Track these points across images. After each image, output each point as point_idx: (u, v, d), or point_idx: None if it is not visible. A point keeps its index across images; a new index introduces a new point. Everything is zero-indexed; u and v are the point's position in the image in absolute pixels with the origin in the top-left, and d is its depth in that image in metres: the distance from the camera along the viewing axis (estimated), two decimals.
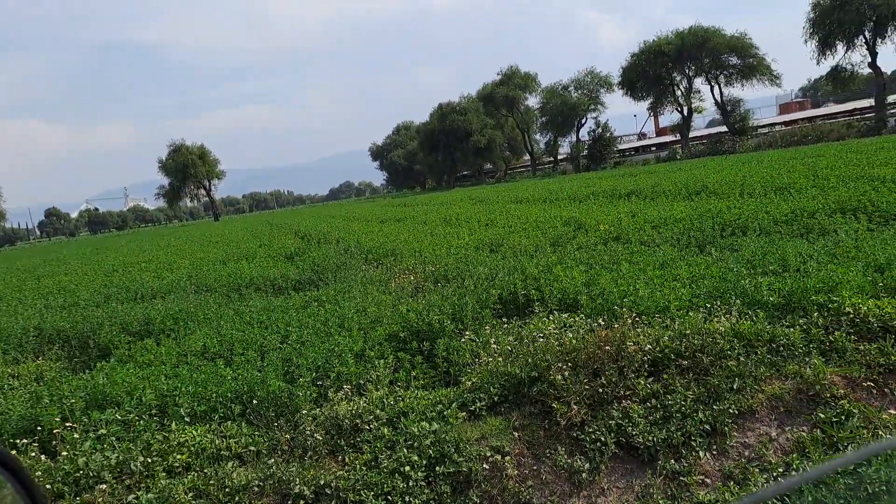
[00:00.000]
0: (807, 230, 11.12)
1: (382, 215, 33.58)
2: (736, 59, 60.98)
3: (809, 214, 11.96)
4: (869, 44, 49.23)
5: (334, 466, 5.34)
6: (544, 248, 12.63)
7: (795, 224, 11.58)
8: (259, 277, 13.63)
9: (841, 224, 10.85)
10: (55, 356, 9.69)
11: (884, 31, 47.99)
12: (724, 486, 5.03)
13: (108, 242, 55.78)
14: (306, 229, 29.07)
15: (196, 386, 6.45)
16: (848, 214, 11.58)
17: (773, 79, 60.46)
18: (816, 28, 51.24)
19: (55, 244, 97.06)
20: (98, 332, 9.90)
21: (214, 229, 50.22)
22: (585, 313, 7.39)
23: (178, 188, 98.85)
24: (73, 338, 10.17)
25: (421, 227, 21.55)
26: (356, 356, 6.96)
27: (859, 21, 47.82)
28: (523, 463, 5.42)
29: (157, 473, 5.19)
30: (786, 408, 5.58)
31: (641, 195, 22.00)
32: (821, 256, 8.46)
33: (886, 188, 13.36)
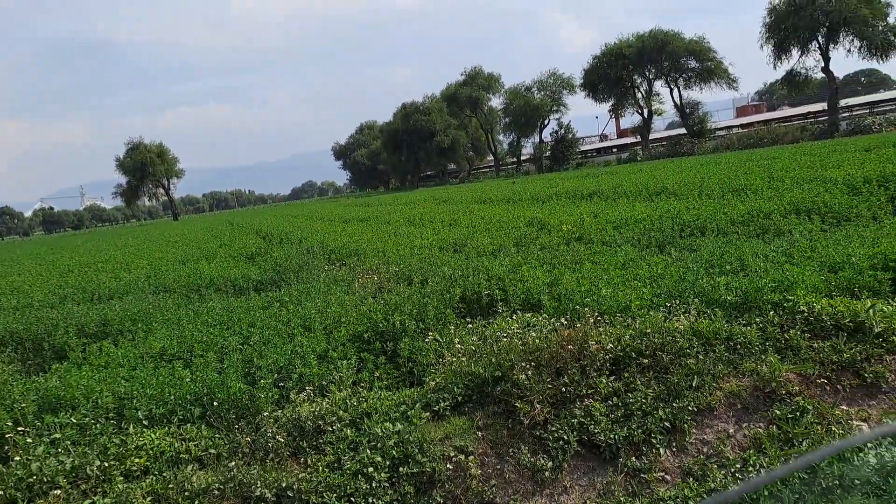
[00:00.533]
0: (763, 230, 11.38)
1: (345, 215, 33.38)
2: (695, 63, 62.15)
3: (765, 215, 12.24)
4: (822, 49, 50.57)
5: (296, 468, 5.29)
6: (508, 248, 12.69)
7: (752, 224, 11.84)
8: (219, 278, 13.44)
9: (796, 225, 11.12)
10: (7, 359, 9.41)
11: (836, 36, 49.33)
12: (684, 482, 5.11)
13: (63, 242, 54.38)
14: (268, 229, 28.74)
15: (154, 388, 6.32)
16: (802, 215, 11.88)
17: (731, 82, 61.81)
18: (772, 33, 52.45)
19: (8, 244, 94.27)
20: (53, 333, 9.64)
21: (173, 229, 49.35)
22: (548, 313, 7.45)
23: (136, 187, 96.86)
24: (27, 340, 9.88)
25: (384, 228, 21.48)
26: (319, 357, 6.91)
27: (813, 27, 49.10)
28: (487, 462, 5.44)
29: (114, 478, 5.08)
30: (743, 405, 5.70)
31: (603, 196, 22.25)
32: (776, 256, 8.66)
33: (839, 190, 13.73)
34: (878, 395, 5.73)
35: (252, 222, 39.61)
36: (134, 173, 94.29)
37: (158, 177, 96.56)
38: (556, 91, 77.43)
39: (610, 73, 65.38)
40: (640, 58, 63.05)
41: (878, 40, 47.38)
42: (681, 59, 61.98)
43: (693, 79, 62.80)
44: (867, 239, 9.01)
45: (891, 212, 11.69)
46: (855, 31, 47.61)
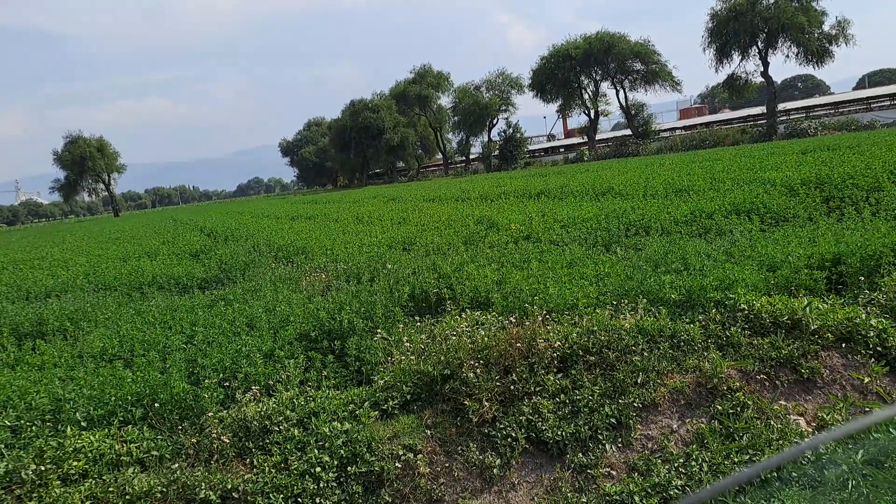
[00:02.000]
0: (705, 230, 11.68)
1: (293, 213, 32.96)
2: (640, 65, 63.34)
3: (707, 215, 12.56)
4: (762, 54, 52.15)
5: (242, 469, 5.20)
6: (457, 246, 12.72)
7: (695, 224, 12.14)
8: (162, 276, 13.11)
9: (736, 225, 11.45)
10: None
11: (775, 42, 50.93)
12: (629, 477, 5.20)
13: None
14: (213, 226, 28.18)
15: (94, 389, 6.12)
16: (742, 216, 12.24)
17: (675, 85, 63.21)
18: (714, 37, 53.82)
19: None
20: None
21: (114, 225, 47.92)
22: (497, 311, 7.49)
23: (74, 182, 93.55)
24: None
25: (332, 225, 21.29)
26: (265, 356, 6.80)
27: (753, 32, 50.60)
28: (435, 461, 5.43)
29: (51, 482, 4.90)
30: (686, 400, 5.84)
31: (551, 195, 22.49)
32: (718, 256, 8.90)
33: (777, 191, 14.19)
34: (815, 391, 5.94)
35: (196, 219, 38.76)
36: (73, 168, 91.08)
37: (98, 171, 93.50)
38: (505, 91, 77.93)
39: (558, 74, 66.08)
40: (587, 59, 63.94)
41: (814, 47, 49.13)
42: (626, 62, 63.08)
43: (638, 81, 64.02)
44: (804, 239, 9.34)
45: (825, 212, 12.13)
46: (792, 37, 49.24)
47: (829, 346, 6.30)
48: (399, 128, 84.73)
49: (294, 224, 23.93)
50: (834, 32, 49.20)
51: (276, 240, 17.68)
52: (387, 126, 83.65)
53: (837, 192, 13.37)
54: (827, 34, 49.40)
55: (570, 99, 68.68)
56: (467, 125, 78.61)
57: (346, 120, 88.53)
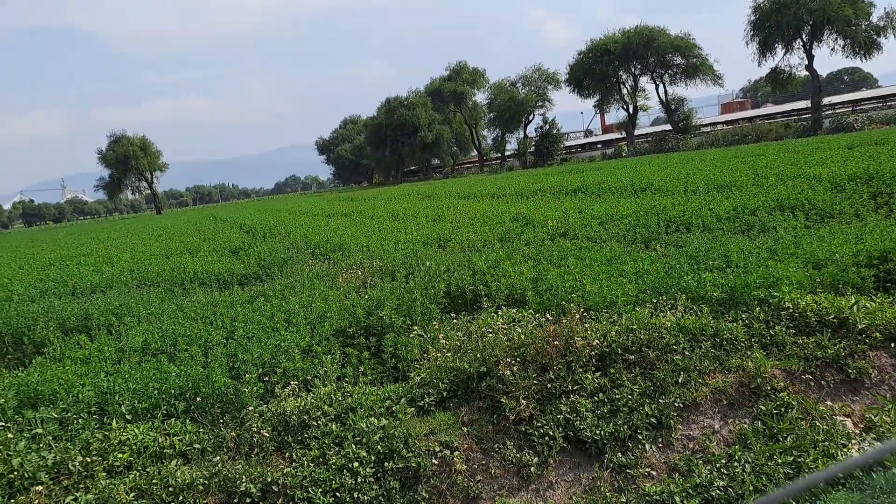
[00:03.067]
0: (748, 227, 11.45)
1: (329, 210, 33.23)
2: (680, 59, 62.31)
3: (750, 212, 12.32)
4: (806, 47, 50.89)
5: (281, 463, 5.25)
6: (492, 243, 12.68)
7: (737, 221, 11.91)
8: (203, 272, 13.33)
9: (780, 221, 11.20)
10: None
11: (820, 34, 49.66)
12: (670, 477, 5.13)
13: (43, 235, 53.74)
14: (252, 223, 28.56)
15: (138, 383, 6.25)
16: (787, 212, 11.97)
17: (716, 79, 62.04)
18: (756, 30, 52.70)
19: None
20: (33, 327, 9.52)
21: (157, 223, 48.92)
22: (533, 309, 7.44)
23: (118, 180, 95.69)
24: (7, 334, 9.75)
25: (368, 222, 21.41)
26: (303, 352, 6.87)
27: (797, 24, 49.40)
28: (472, 458, 5.42)
29: (96, 473, 5.02)
30: (729, 400, 5.73)
31: (588, 192, 22.30)
32: (761, 253, 8.71)
33: (822, 187, 13.85)
34: (862, 391, 5.78)
35: (236, 216, 39.35)
36: (116, 166, 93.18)
37: (141, 170, 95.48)
38: (541, 86, 77.39)
39: (595, 69, 65.40)
40: (626, 54, 63.14)
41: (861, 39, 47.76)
42: (666, 56, 62.12)
43: (678, 75, 62.98)
44: (851, 236, 9.10)
45: (873, 209, 11.80)
46: (838, 29, 47.95)
47: (877, 346, 6.11)
48: (434, 125, 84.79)
49: (330, 221, 24.13)
50: (882, 24, 47.72)
51: (313, 237, 17.85)
52: (422, 123, 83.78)
53: (885, 187, 13.00)
54: (875, 26, 47.96)
55: (608, 94, 67.92)
56: (503, 122, 78.31)
57: (382, 117, 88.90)
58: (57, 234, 49.21)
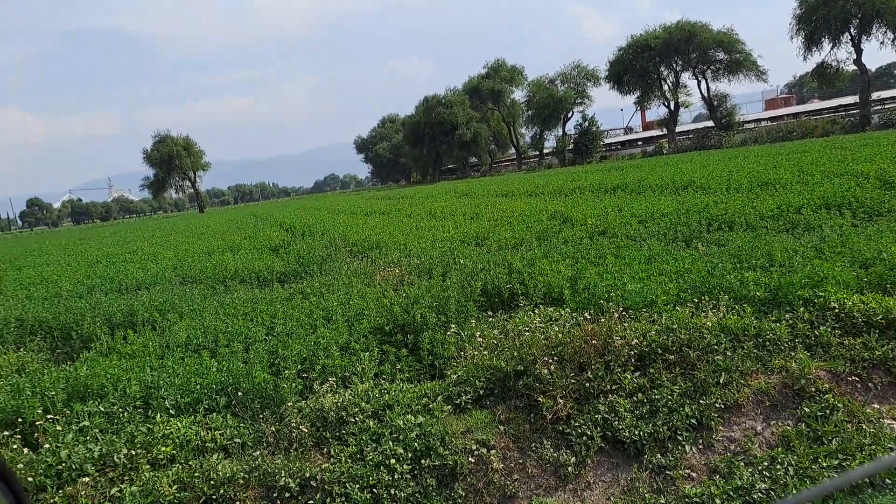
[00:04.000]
0: (792, 225, 11.19)
1: (367, 208, 33.45)
2: (723, 55, 61.18)
3: (795, 210, 12.04)
4: (854, 40, 49.53)
5: (320, 459, 5.31)
6: (530, 242, 12.62)
7: (781, 219, 11.65)
8: (244, 269, 13.54)
9: (826, 220, 10.92)
10: (37, 347, 9.57)
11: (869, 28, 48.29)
12: (710, 479, 5.05)
13: (91, 233, 55.21)
14: (291, 222, 28.91)
15: (181, 377, 6.38)
16: (833, 210, 11.67)
17: (760, 74, 60.76)
18: (802, 24, 51.48)
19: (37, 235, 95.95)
20: (81, 323, 9.79)
21: (199, 221, 49.85)
22: (571, 307, 7.39)
23: (163, 179, 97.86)
24: (56, 329, 10.04)
25: (406, 221, 21.49)
26: (341, 349, 6.93)
27: (845, 18, 48.10)
28: (509, 456, 5.41)
29: (140, 466, 5.14)
30: (771, 402, 5.61)
31: (628, 189, 22.04)
32: (806, 252, 8.51)
33: (870, 184, 13.48)
34: None
35: (276, 215, 39.88)
36: (161, 166, 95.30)
37: (185, 169, 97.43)
38: (581, 83, 76.76)
39: (636, 65, 64.64)
40: (667, 49, 62.27)
41: None
42: (709, 51, 61.08)
43: (721, 71, 61.87)
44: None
45: None
46: (888, 22, 46.56)
47: None
48: (472, 123, 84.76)
49: (368, 220, 24.29)
50: None
51: (351, 235, 17.99)
52: (460, 121, 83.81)
53: None
54: None
55: (649, 90, 67.09)
56: (541, 119, 77.90)
57: (420, 116, 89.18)
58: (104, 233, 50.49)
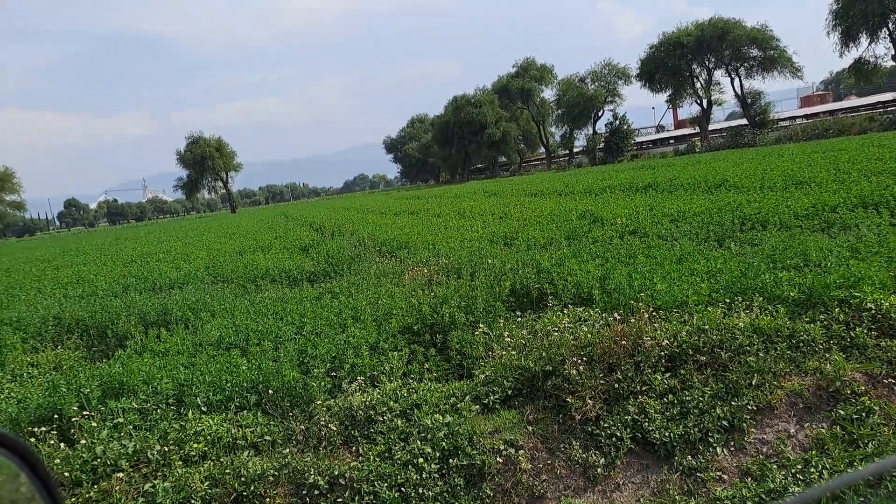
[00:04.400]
0: (828, 225, 10.97)
1: (396, 208, 33.57)
2: (757, 51, 60.17)
3: (831, 209, 11.81)
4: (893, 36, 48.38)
5: (348, 457, 5.35)
6: (559, 241, 12.55)
7: (816, 218, 11.42)
8: (274, 269, 13.68)
9: (863, 219, 10.68)
10: (74, 345, 9.79)
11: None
12: (742, 482, 4.97)
13: (126, 233, 56.25)
14: (321, 221, 29.12)
15: (212, 375, 6.47)
16: (870, 209, 11.41)
17: (795, 71, 59.61)
18: (839, 20, 50.43)
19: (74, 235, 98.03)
20: (116, 321, 9.98)
21: (231, 221, 50.49)
22: (600, 308, 7.33)
23: (196, 180, 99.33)
24: (92, 327, 10.25)
25: (434, 220, 21.52)
26: (370, 348, 6.97)
27: (883, 13, 47.02)
28: (537, 457, 5.39)
29: (173, 462, 5.22)
30: (805, 404, 5.51)
31: (659, 188, 21.81)
32: (842, 252, 8.33)
33: None
34: None
35: (306, 215, 40.21)
36: (194, 167, 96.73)
37: (217, 170, 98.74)
38: (611, 81, 76.09)
39: (668, 63, 63.91)
40: (700, 46, 61.44)
41: None
42: (742, 48, 60.11)
43: (755, 68, 60.84)
44: None
45: None
46: None
47: None
48: (501, 122, 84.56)
49: (397, 219, 24.37)
50: None
51: (380, 235, 18.07)
52: (489, 121, 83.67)
53: None
54: None
55: (681, 88, 66.29)
56: (571, 118, 77.41)
57: (449, 116, 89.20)
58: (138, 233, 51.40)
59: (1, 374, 8.39)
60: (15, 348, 9.37)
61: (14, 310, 12.17)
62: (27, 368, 8.63)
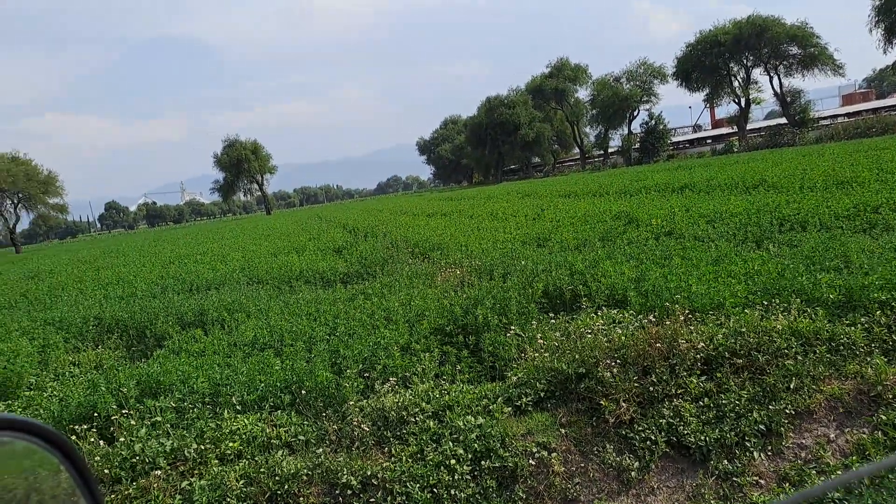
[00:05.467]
0: (870, 225, 10.70)
1: (429, 209, 33.64)
2: (796, 49, 58.97)
3: (873, 209, 11.52)
4: None
5: (381, 458, 5.37)
6: (593, 242, 12.45)
7: (858, 219, 11.16)
8: (308, 270, 13.82)
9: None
10: (114, 345, 10.00)
11: None
12: (780, 487, 4.88)
13: (164, 235, 57.32)
14: (354, 223, 29.33)
15: (247, 375, 6.56)
16: None
17: (836, 69, 58.26)
18: (882, 16, 49.15)
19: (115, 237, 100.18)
20: (155, 322, 10.17)
21: (266, 223, 51.12)
22: (635, 310, 7.25)
23: (232, 183, 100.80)
24: (131, 327, 10.46)
25: (467, 222, 21.52)
26: (402, 349, 6.99)
27: None
28: (570, 460, 5.35)
29: (209, 460, 5.30)
30: (845, 409, 5.38)
31: (696, 189, 21.53)
32: (884, 253, 8.13)
33: None
34: None
35: (339, 216, 40.54)
36: (230, 169, 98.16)
37: (253, 173, 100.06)
38: (647, 81, 75.25)
39: (705, 62, 63.03)
40: (737, 45, 60.44)
41: None
42: (781, 46, 58.96)
43: (795, 66, 59.63)
44: None
45: None
46: None
47: None
48: (534, 123, 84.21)
49: (430, 221, 24.42)
50: None
51: (413, 236, 18.13)
52: (522, 122, 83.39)
53: None
54: None
55: (719, 87, 65.32)
56: (606, 118, 76.77)
57: (482, 117, 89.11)
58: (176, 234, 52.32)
59: (44, 373, 8.61)
60: (57, 348, 9.61)
61: (57, 310, 12.49)
62: (69, 368, 8.84)
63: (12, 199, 75.69)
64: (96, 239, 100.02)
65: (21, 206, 77.14)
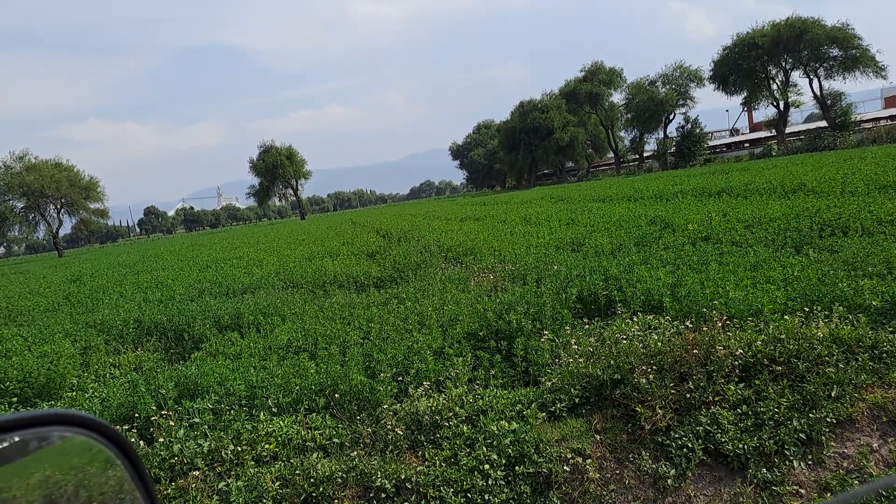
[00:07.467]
0: None
1: (462, 214, 33.65)
2: (837, 51, 57.74)
3: None
4: None
5: (414, 461, 5.38)
6: (628, 247, 12.35)
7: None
8: (342, 274, 13.93)
9: None
10: (153, 347, 10.19)
11: None
12: (821, 497, 4.77)
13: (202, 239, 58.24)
14: (387, 228, 29.47)
15: (282, 378, 6.63)
16: None
17: (878, 71, 56.86)
18: None
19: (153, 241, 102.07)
20: (192, 325, 10.34)
21: (301, 227, 51.63)
22: (671, 315, 7.17)
23: (267, 188, 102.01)
24: (170, 330, 10.66)
25: (500, 226, 21.48)
26: (435, 353, 7.01)
27: None
28: (605, 466, 5.30)
29: (246, 462, 5.36)
30: (889, 418, 5.25)
31: (733, 193, 21.22)
32: None
33: None
34: None
35: (373, 221, 40.76)
36: (266, 175, 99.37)
37: (288, 178, 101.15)
38: (683, 84, 74.35)
39: (742, 64, 62.10)
40: (776, 47, 59.44)
41: None
42: (821, 48, 57.78)
43: (835, 68, 58.36)
44: None
45: None
46: None
47: None
48: (568, 127, 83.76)
49: (463, 225, 24.43)
50: None
51: (446, 241, 18.15)
52: (556, 126, 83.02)
53: None
54: None
55: (757, 90, 64.28)
56: (641, 122, 76.03)
57: (515, 121, 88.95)
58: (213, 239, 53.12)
59: (86, 375, 8.81)
60: (99, 350, 9.83)
61: (98, 313, 12.78)
62: (109, 369, 9.04)
63: (56, 204, 77.61)
64: (136, 243, 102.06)
65: (64, 211, 79.06)
